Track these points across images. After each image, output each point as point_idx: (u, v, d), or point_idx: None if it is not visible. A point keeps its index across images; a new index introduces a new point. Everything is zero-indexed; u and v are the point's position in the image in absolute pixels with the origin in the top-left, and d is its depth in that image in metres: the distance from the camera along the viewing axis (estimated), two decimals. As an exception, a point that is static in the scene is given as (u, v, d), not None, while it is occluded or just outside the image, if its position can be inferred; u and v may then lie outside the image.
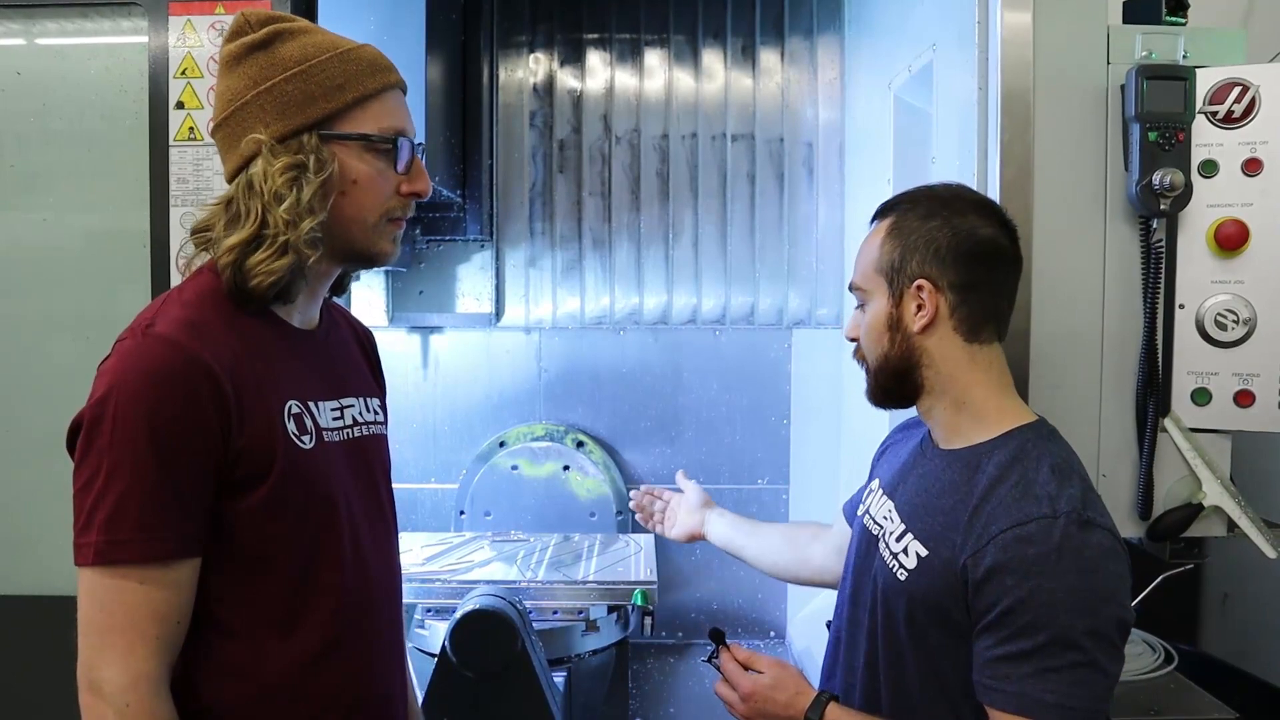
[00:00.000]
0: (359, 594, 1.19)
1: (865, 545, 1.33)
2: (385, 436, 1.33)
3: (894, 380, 1.25)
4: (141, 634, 1.02)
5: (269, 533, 1.10)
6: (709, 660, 1.37)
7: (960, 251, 1.20)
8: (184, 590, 1.05)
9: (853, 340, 1.31)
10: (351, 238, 1.15)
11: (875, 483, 1.39)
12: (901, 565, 1.21)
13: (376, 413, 1.30)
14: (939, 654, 1.18)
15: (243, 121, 1.11)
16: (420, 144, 1.19)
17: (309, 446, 1.14)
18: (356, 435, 1.23)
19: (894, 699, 1.23)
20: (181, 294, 1.12)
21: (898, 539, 1.24)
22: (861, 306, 1.29)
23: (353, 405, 1.24)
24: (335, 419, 1.20)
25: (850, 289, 1.32)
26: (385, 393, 1.38)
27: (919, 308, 1.21)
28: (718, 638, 1.37)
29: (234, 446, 1.06)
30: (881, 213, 1.29)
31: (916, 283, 1.21)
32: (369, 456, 1.26)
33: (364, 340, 1.38)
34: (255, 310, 1.13)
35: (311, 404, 1.17)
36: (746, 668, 1.32)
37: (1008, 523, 1.10)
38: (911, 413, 1.33)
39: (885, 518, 1.29)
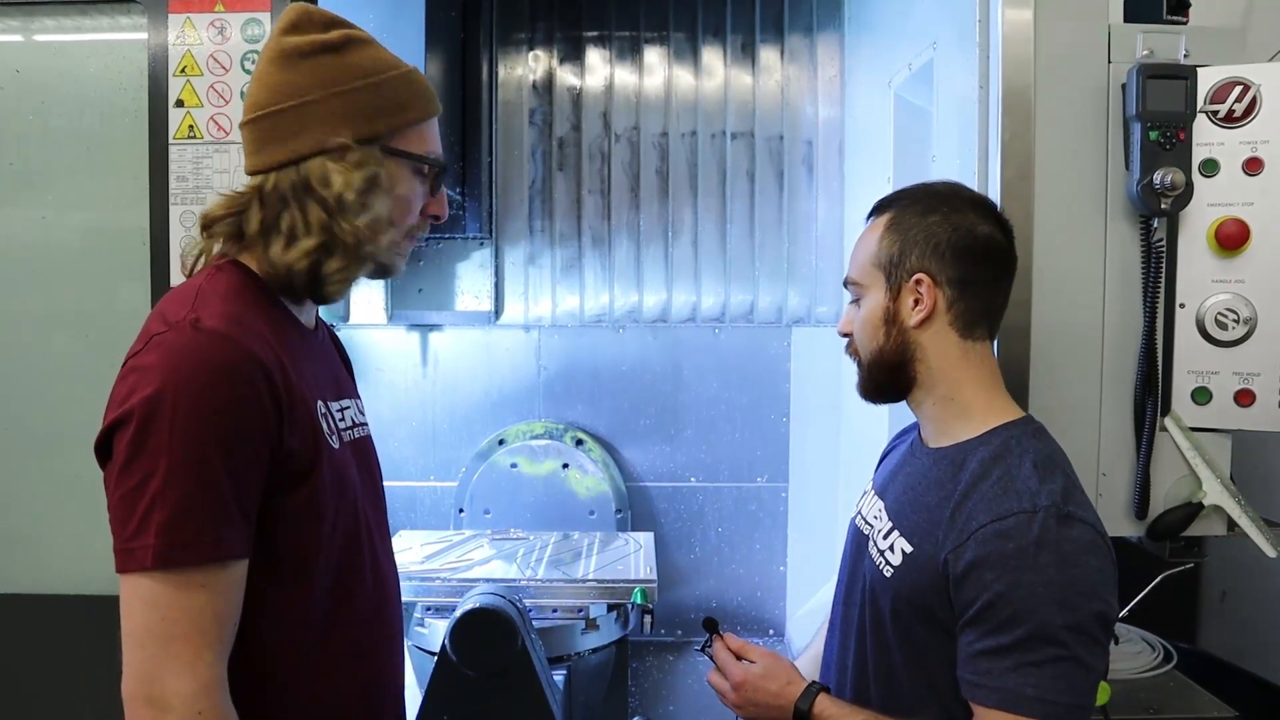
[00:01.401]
0: (377, 594, 1.19)
1: (857, 546, 1.33)
2: (371, 437, 1.33)
3: (886, 374, 1.25)
4: (206, 639, 0.98)
5: (307, 534, 1.08)
6: (702, 649, 1.38)
7: (959, 247, 1.20)
8: (240, 592, 1.02)
9: (845, 335, 1.31)
10: (376, 249, 1.17)
11: (870, 484, 1.39)
12: (888, 562, 1.21)
13: (363, 413, 1.31)
14: (926, 651, 1.18)
15: (303, 119, 1.09)
16: (445, 168, 1.22)
17: (337, 447, 1.14)
18: (357, 436, 1.24)
19: (884, 697, 1.23)
20: (215, 288, 1.07)
21: (884, 536, 1.24)
22: (856, 302, 1.29)
23: (349, 406, 1.25)
24: (341, 420, 1.20)
25: (845, 284, 1.31)
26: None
27: (916, 302, 1.21)
28: (711, 627, 1.38)
29: (285, 445, 1.04)
30: (878, 209, 1.29)
31: (915, 277, 1.21)
32: (369, 457, 1.27)
33: (336, 341, 1.38)
34: (282, 310, 1.13)
35: (330, 404, 1.17)
36: (740, 657, 1.32)
37: (987, 518, 1.10)
38: (912, 419, 1.33)
39: (875, 517, 1.29)
